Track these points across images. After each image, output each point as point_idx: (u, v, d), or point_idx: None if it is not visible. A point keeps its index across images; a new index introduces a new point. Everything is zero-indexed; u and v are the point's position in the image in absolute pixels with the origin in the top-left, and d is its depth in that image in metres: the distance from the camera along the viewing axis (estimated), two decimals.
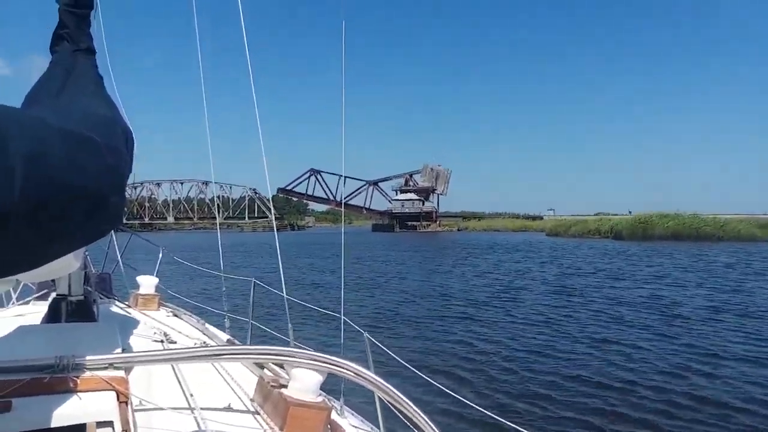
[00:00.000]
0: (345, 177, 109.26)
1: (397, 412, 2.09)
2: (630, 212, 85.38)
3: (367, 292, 18.44)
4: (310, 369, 1.95)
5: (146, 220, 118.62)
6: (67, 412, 1.59)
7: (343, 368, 1.93)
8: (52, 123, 1.35)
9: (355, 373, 1.93)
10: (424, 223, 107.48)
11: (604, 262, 30.96)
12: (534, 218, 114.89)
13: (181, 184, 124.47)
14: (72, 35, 2.40)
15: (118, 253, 5.31)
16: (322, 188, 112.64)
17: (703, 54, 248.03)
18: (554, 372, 8.84)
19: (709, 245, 45.68)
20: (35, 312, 3.53)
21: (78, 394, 1.64)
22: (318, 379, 1.97)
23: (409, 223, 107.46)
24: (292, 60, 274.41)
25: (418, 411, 1.94)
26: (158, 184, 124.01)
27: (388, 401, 2.01)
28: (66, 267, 2.00)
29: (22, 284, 4.13)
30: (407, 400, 1.94)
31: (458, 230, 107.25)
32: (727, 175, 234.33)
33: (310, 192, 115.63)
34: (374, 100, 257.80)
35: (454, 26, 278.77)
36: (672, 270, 25.57)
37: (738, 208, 72.14)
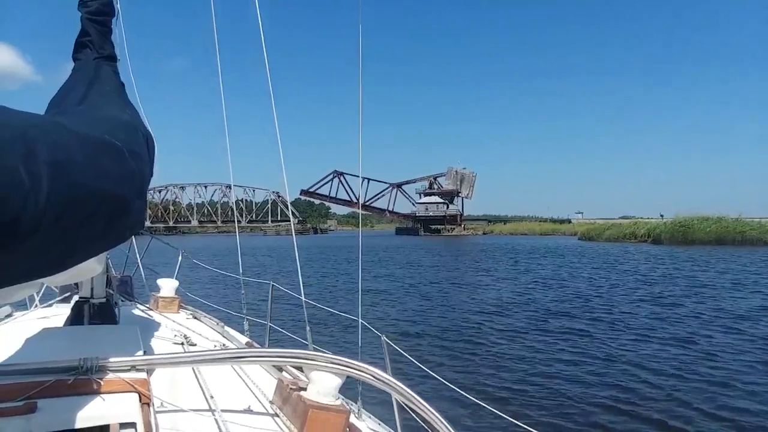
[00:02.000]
0: (368, 180, 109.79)
1: (414, 415, 2.08)
2: (662, 215, 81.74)
3: (388, 296, 18.40)
4: (328, 372, 1.96)
5: (170, 223, 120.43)
6: (90, 413, 1.61)
7: (361, 371, 1.93)
8: (76, 129, 1.37)
9: (373, 377, 1.93)
10: (449, 226, 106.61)
11: (661, 267, 28.61)
12: (562, 222, 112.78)
13: (205, 187, 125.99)
14: (94, 42, 2.45)
15: (138, 256, 5.39)
16: (345, 190, 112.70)
17: (740, 53, 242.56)
18: (583, 382, 8.67)
19: (756, 250, 42.49)
20: (58, 314, 3.61)
21: (101, 395, 1.67)
22: (337, 382, 1.98)
23: (433, 226, 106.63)
24: (318, 61, 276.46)
25: (436, 414, 1.92)
26: (182, 188, 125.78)
27: (405, 404, 2.01)
28: (89, 271, 2.04)
29: (44, 287, 4.22)
30: (425, 403, 1.93)
31: (483, 234, 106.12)
32: (755, 178, 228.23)
33: (333, 194, 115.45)
34: (399, 102, 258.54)
35: (480, 27, 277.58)
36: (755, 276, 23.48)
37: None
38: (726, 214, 57.14)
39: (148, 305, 4.38)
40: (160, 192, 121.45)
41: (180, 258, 5.48)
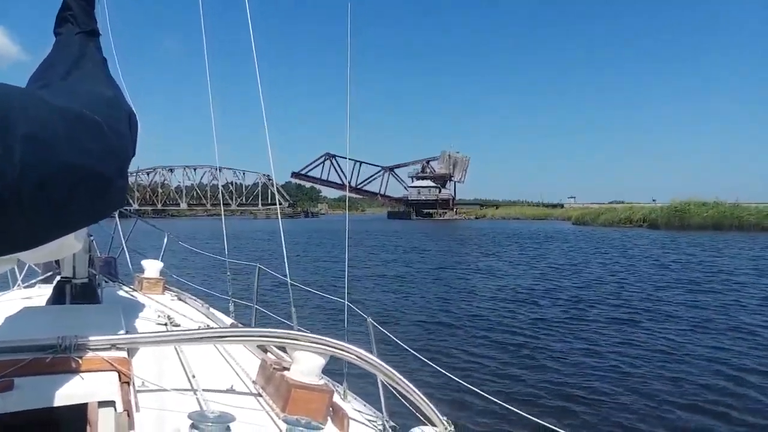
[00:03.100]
0: (360, 162, 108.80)
1: (399, 396, 2.10)
2: (655, 200, 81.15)
3: (376, 280, 18.48)
4: (312, 352, 1.96)
5: (159, 206, 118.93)
6: (68, 391, 1.60)
7: (345, 351, 1.94)
8: (54, 103, 1.35)
9: (357, 356, 1.93)
10: (441, 210, 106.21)
11: (672, 253, 27.98)
12: (554, 206, 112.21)
13: (194, 170, 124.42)
14: (76, 17, 2.39)
15: (122, 237, 5.35)
16: (337, 173, 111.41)
17: (721, 40, 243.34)
18: (573, 365, 8.79)
19: (756, 236, 42.05)
20: (40, 295, 3.58)
21: (80, 374, 1.66)
22: (320, 362, 1.98)
23: (425, 210, 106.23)
24: (311, 42, 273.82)
25: (420, 394, 1.94)
26: (171, 170, 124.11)
27: (390, 384, 2.02)
28: (68, 247, 2.02)
29: (27, 267, 4.19)
30: (409, 384, 1.95)
31: (476, 218, 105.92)
32: (748, 163, 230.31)
33: (324, 177, 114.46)
34: (393, 85, 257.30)
35: (474, 10, 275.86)
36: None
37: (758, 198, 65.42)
38: (723, 200, 56.53)
39: (132, 286, 4.35)
40: (148, 174, 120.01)
41: (165, 240, 5.44)
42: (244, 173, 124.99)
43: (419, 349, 4.14)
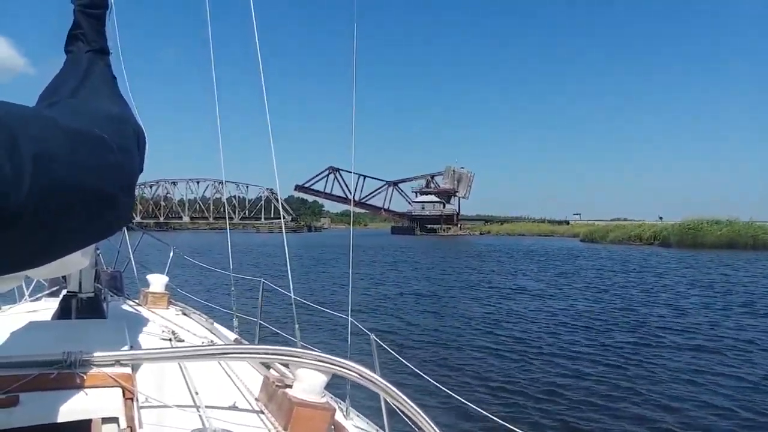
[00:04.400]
0: (364, 177, 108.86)
1: (402, 414, 2.09)
2: (661, 218, 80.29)
3: (380, 297, 18.40)
4: (315, 369, 1.96)
5: (161, 219, 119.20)
6: (72, 407, 1.61)
7: (347, 369, 1.94)
8: (63, 123, 1.37)
9: (360, 375, 1.93)
10: (445, 226, 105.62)
11: (701, 274, 26.46)
12: (559, 223, 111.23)
13: (197, 183, 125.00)
14: (86, 35, 2.43)
15: (130, 251, 5.37)
16: (341, 186, 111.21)
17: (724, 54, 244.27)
18: (575, 384, 8.72)
19: None
20: (46, 309, 3.59)
21: (84, 390, 1.66)
22: (322, 379, 1.98)
23: (429, 225, 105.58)
24: (316, 56, 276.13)
25: (423, 414, 1.93)
26: (174, 183, 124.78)
27: (392, 403, 2.01)
28: (75, 264, 2.03)
29: (35, 281, 4.20)
30: (411, 403, 1.94)
31: (480, 234, 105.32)
32: (753, 180, 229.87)
33: (328, 190, 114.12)
34: (398, 100, 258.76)
35: (480, 25, 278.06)
36: None
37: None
38: (736, 217, 55.43)
39: (137, 301, 4.36)
40: (151, 187, 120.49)
41: (171, 254, 5.46)
42: (247, 187, 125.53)
43: (422, 367, 4.12)
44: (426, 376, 3.58)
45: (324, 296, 17.34)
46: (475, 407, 3.30)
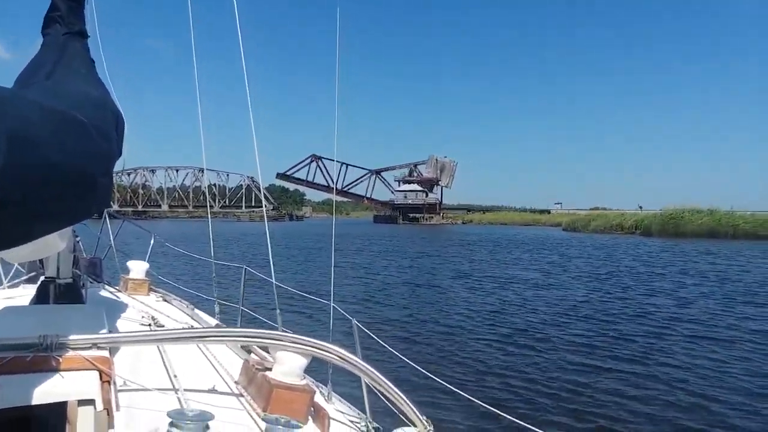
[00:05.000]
0: (346, 165, 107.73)
1: (383, 398, 2.12)
2: (641, 207, 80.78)
3: (363, 284, 18.48)
4: (294, 352, 1.97)
5: (140, 207, 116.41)
6: (48, 389, 1.60)
7: (328, 352, 1.95)
8: (39, 103, 1.36)
9: (340, 357, 1.94)
10: (427, 215, 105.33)
11: (692, 263, 26.41)
12: (541, 212, 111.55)
13: (176, 171, 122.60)
14: (64, 18, 2.38)
15: (111, 238, 5.31)
16: (323, 175, 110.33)
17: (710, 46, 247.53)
18: (549, 363, 8.90)
19: (755, 244, 41.23)
20: (24, 295, 3.55)
21: (60, 372, 1.65)
22: (303, 362, 1.99)
23: (411, 214, 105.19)
24: (298, 41, 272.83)
25: (402, 395, 1.96)
26: (153, 171, 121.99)
27: (373, 386, 2.03)
28: (51, 247, 2.01)
29: (14, 268, 4.15)
30: (392, 385, 1.96)
31: (463, 223, 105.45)
32: (726, 171, 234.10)
33: (310, 179, 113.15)
34: (381, 88, 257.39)
35: (463, 17, 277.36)
36: None
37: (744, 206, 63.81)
38: (717, 207, 55.79)
39: (117, 287, 4.33)
40: (129, 175, 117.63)
41: (152, 241, 5.41)
42: (227, 175, 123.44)
43: (404, 352, 4.17)
44: (407, 360, 3.63)
45: (306, 285, 17.34)
46: (456, 389, 3.36)
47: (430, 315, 13.13)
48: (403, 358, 3.64)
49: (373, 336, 3.48)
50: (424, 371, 3.66)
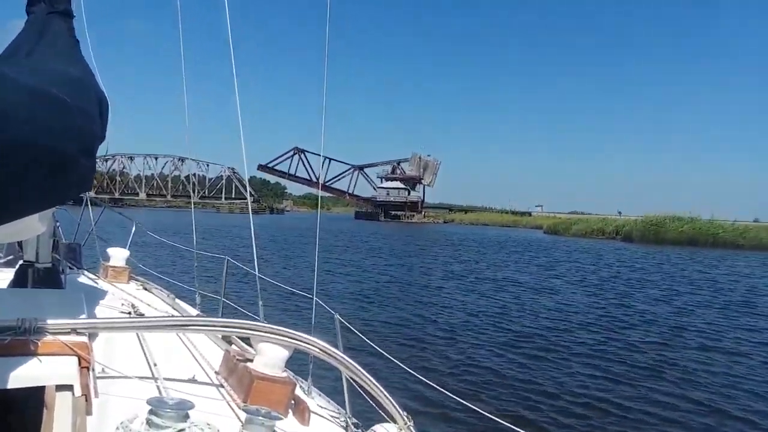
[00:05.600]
0: (330, 159, 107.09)
1: (362, 391, 2.12)
2: (620, 213, 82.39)
3: (345, 279, 18.46)
4: (275, 344, 1.97)
5: (116, 194, 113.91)
6: (25, 374, 1.57)
7: (309, 344, 1.95)
8: (17, 79, 1.32)
9: (321, 350, 1.94)
10: (409, 213, 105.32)
11: (677, 270, 26.86)
12: (522, 214, 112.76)
13: (155, 159, 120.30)
14: None
15: (92, 224, 5.22)
16: (306, 168, 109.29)
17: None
18: (528, 361, 8.99)
19: (737, 253, 42.52)
20: (1, 279, 3.47)
21: (39, 357, 1.62)
22: (284, 354, 1.99)
23: (393, 212, 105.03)
24: (283, 29, 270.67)
25: (382, 390, 1.96)
26: (131, 158, 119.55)
27: (353, 380, 2.04)
28: (31, 229, 1.96)
29: None
30: (371, 378, 1.97)
31: (444, 222, 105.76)
32: (715, 179, 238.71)
33: (292, 172, 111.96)
34: (366, 83, 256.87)
35: (448, 16, 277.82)
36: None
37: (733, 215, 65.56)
38: (698, 215, 57.10)
39: (97, 274, 4.26)
40: (106, 161, 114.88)
41: (133, 229, 5.32)
42: (207, 165, 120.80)
43: (385, 347, 4.17)
44: (389, 356, 3.63)
45: (289, 278, 17.26)
46: (436, 386, 3.38)
47: (413, 312, 13.19)
48: (385, 353, 3.65)
49: (356, 331, 3.48)
50: (405, 367, 3.68)
